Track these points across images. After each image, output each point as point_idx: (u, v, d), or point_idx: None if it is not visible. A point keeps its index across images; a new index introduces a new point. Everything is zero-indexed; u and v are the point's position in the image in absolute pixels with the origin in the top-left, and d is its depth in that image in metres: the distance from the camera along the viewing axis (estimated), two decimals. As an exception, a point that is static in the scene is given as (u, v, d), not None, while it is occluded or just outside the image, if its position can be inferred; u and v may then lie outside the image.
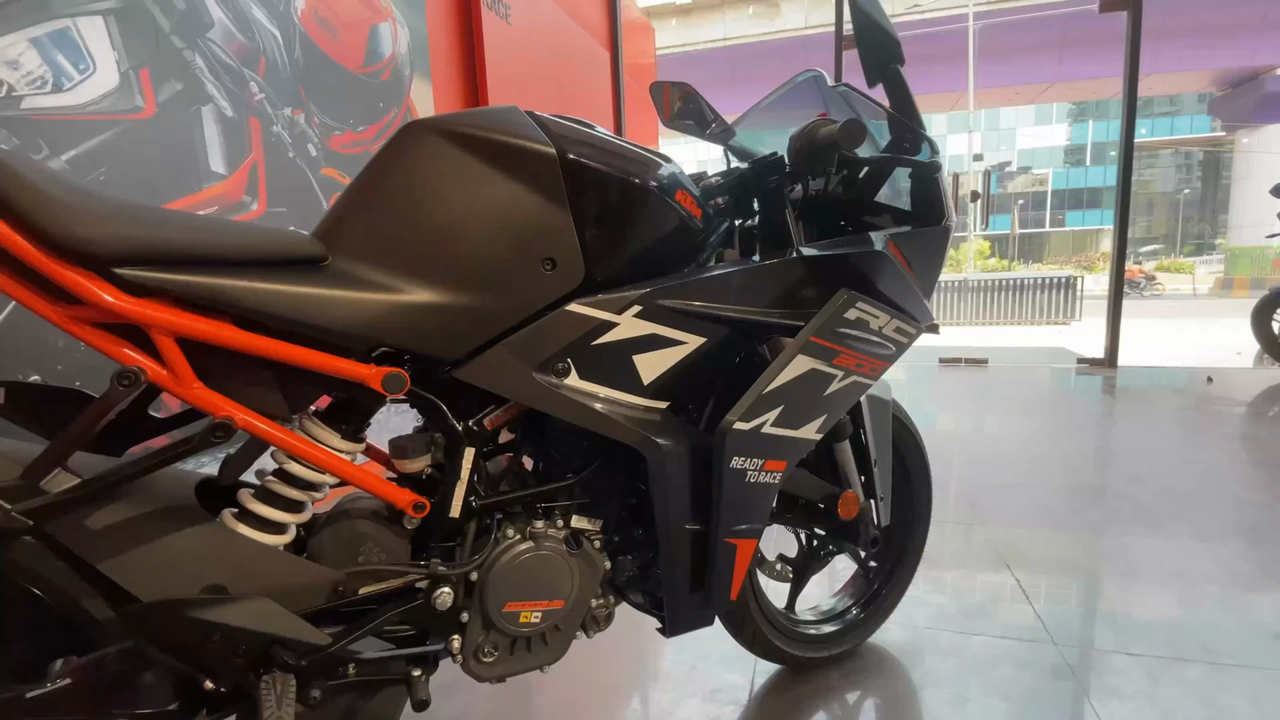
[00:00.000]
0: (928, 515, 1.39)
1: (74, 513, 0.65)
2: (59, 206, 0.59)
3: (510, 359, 0.79)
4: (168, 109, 1.79)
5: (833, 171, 0.95)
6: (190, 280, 0.65)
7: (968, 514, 2.08)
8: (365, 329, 0.73)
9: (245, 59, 2.02)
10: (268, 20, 2.10)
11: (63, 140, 1.54)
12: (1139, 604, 1.51)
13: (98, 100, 1.62)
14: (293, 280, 0.70)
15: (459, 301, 0.76)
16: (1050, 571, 1.68)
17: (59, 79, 1.53)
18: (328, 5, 2.33)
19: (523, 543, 0.85)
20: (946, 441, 2.96)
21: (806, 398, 0.93)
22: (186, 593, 0.68)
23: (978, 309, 12.41)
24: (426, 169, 0.76)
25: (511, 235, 0.77)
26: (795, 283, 0.93)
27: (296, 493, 0.77)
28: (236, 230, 0.70)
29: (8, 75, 1.42)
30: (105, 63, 1.63)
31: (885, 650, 1.36)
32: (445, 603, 0.79)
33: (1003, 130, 41.54)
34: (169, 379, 0.66)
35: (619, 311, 0.82)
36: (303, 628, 0.70)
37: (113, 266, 0.62)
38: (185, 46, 1.84)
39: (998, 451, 2.77)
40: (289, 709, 0.65)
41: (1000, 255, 33.87)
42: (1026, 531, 1.93)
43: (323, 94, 2.32)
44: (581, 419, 0.81)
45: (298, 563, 0.75)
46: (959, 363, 5.19)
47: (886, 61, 0.95)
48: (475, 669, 0.85)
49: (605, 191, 0.80)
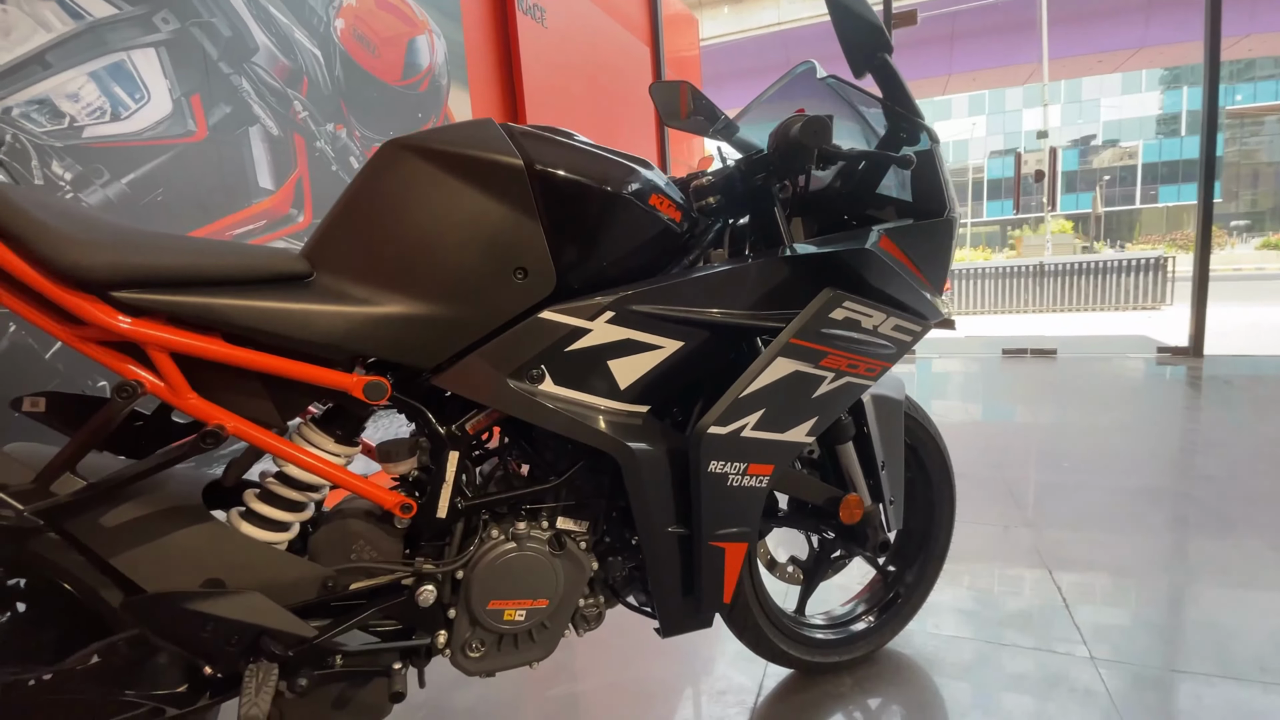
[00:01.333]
0: (950, 520, 1.33)
1: (87, 512, 0.71)
2: (60, 238, 0.65)
3: (485, 366, 0.81)
4: (218, 131, 1.92)
5: (812, 168, 0.93)
6: (181, 300, 0.70)
7: (1011, 514, 1.98)
8: (346, 341, 0.76)
9: (289, 80, 2.14)
10: (309, 41, 2.21)
11: (122, 165, 1.68)
12: (1193, 617, 1.40)
13: (153, 126, 1.75)
14: (278, 297, 0.75)
15: (434, 312, 0.79)
16: (1096, 578, 1.58)
17: (117, 108, 1.66)
18: (366, 23, 2.43)
19: (506, 543, 0.87)
20: (997, 438, 2.82)
21: (792, 401, 0.91)
22: (187, 586, 0.74)
23: (1056, 295, 11.63)
24: (402, 186, 0.79)
25: (483, 246, 0.80)
26: (776, 284, 0.91)
27: (295, 493, 0.83)
28: (227, 251, 0.75)
29: (70, 108, 1.56)
30: (159, 91, 1.76)
31: (904, 656, 1.32)
32: (428, 600, 0.82)
33: (1085, 102, 38.83)
34: (166, 391, 0.71)
35: (591, 318, 0.83)
36: (290, 620, 0.75)
37: (110, 290, 0.68)
38: (232, 72, 1.96)
39: (1053, 448, 2.62)
40: (266, 697, 0.70)
41: (1083, 235, 31.75)
42: (1075, 534, 1.82)
43: (363, 108, 2.42)
44: (554, 424, 0.82)
45: (290, 559, 0.80)
46: (1024, 354, 4.92)
47: (871, 51, 0.92)
48: (463, 663, 0.88)
49: (574, 200, 0.81)
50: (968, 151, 39.58)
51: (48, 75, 1.51)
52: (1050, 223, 17.62)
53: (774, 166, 0.94)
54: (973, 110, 39.82)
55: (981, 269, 11.93)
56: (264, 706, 0.69)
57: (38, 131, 1.50)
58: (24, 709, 0.71)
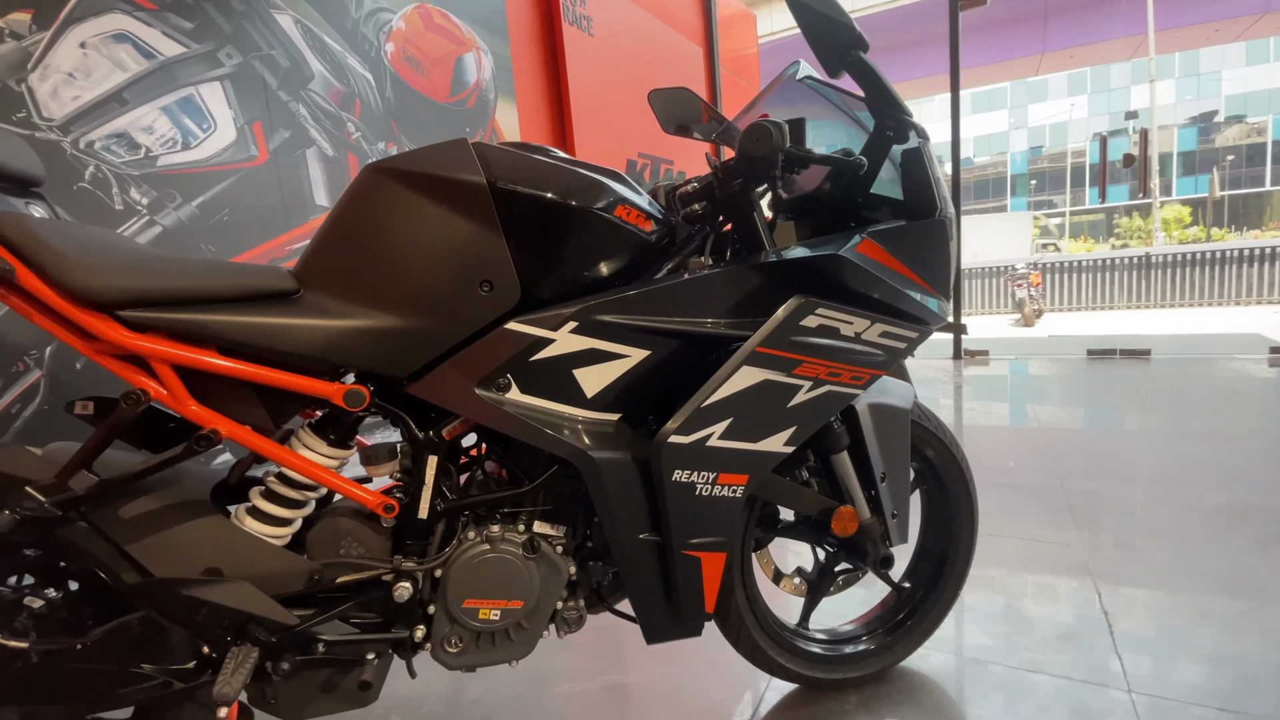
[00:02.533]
0: (970, 538, 1.26)
1: (106, 504, 0.80)
2: (76, 265, 0.75)
3: (455, 375, 0.85)
4: (277, 155, 2.08)
5: (777, 174, 0.91)
6: (178, 318, 0.78)
7: (1065, 529, 1.85)
8: (325, 352, 0.83)
9: (342, 103, 2.29)
10: (361, 66, 2.36)
11: (193, 190, 1.86)
12: (1257, 653, 1.26)
13: (219, 153, 1.92)
14: (266, 312, 0.82)
15: (405, 324, 0.84)
16: (1152, 604, 1.45)
17: (187, 138, 1.84)
18: (415, 44, 2.56)
19: (480, 544, 0.91)
20: (1066, 446, 2.62)
21: (763, 410, 0.90)
22: (189, 573, 0.82)
23: (1164, 289, 10.58)
24: (377, 206, 0.84)
25: (451, 261, 0.84)
26: (745, 292, 0.90)
27: (293, 492, 0.90)
28: (222, 271, 0.83)
29: (145, 139, 1.74)
30: (224, 120, 1.93)
31: (920, 676, 1.26)
32: (403, 595, 0.87)
33: (1204, 75, 35.22)
34: (169, 398, 0.79)
35: (555, 328, 0.85)
36: (274, 608, 0.82)
37: (118, 310, 0.76)
38: (290, 99, 2.12)
39: (1128, 459, 2.41)
40: (240, 677, 0.77)
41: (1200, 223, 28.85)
42: (1135, 554, 1.67)
43: (413, 126, 2.55)
44: (518, 432, 0.85)
45: (281, 553, 0.87)
46: (1113, 354, 4.54)
47: (844, 49, 0.89)
48: (443, 658, 0.92)
49: (536, 214, 0.84)
50: (1066, 135, 36.77)
51: (125, 111, 1.70)
52: (1158, 210, 16.08)
53: (745, 172, 0.93)
54: (1073, 90, 36.94)
55: (1077, 262, 11.07)
56: (236, 686, 0.76)
57: (117, 162, 1.68)
58: (56, 675, 0.81)
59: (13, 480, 0.76)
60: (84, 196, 1.61)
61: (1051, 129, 37.59)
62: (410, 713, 1.24)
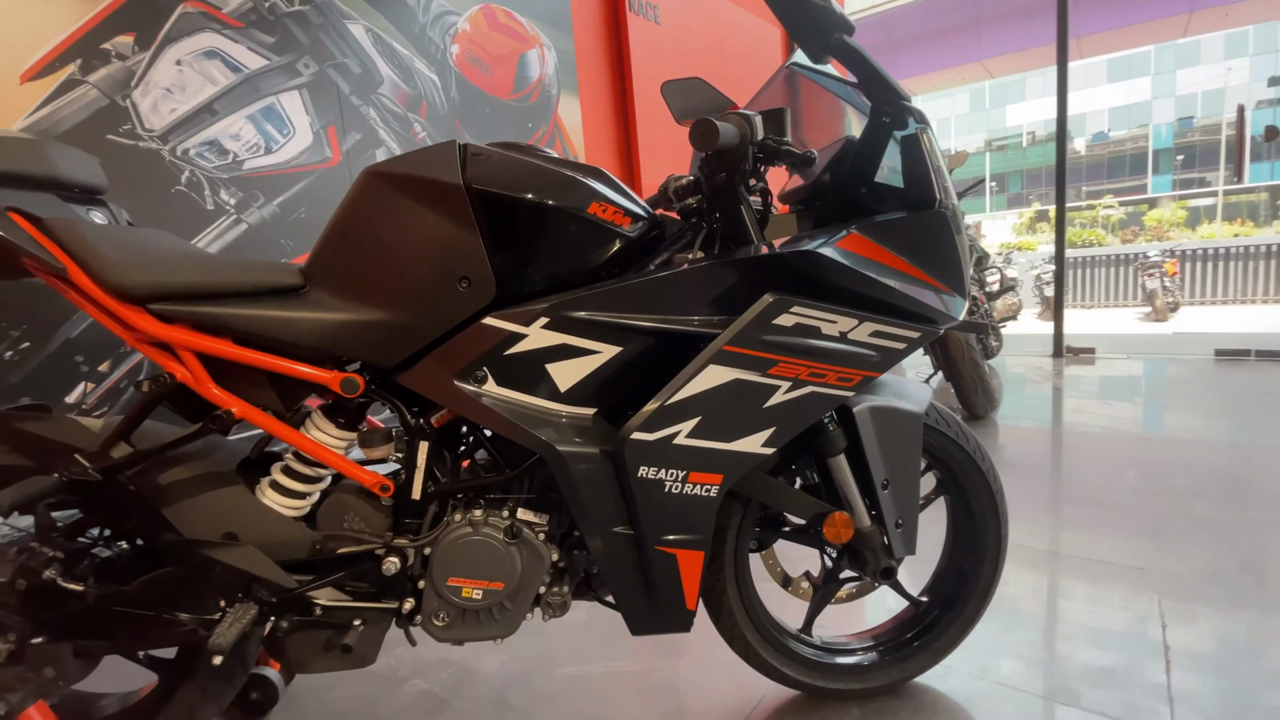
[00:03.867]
0: (997, 554, 1.18)
1: (145, 472, 0.92)
2: (115, 264, 0.86)
3: (436, 367, 0.90)
4: (350, 156, 2.25)
5: (748, 168, 0.88)
6: (199, 310, 0.88)
7: (1144, 553, 1.68)
8: (322, 343, 0.90)
9: (409, 105, 2.43)
10: (427, 69, 2.48)
11: (274, 190, 2.04)
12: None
13: (297, 156, 2.10)
14: (275, 306, 0.90)
15: (391, 318, 0.90)
16: (1226, 647, 1.29)
17: (269, 143, 2.02)
18: (479, 45, 2.67)
19: (464, 527, 0.96)
20: (1167, 459, 2.36)
21: (735, 409, 0.89)
22: (210, 536, 0.93)
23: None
24: (370, 207, 0.91)
25: (432, 258, 0.88)
26: (719, 289, 0.88)
27: (307, 468, 0.99)
28: (239, 267, 0.92)
29: (232, 146, 1.93)
30: (302, 126, 2.11)
31: (935, 695, 1.20)
32: (390, 570, 0.93)
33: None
34: (192, 381, 0.90)
35: (527, 323, 0.88)
36: (275, 572, 0.91)
37: (148, 303, 0.87)
38: (361, 103, 2.28)
39: (1237, 478, 2.14)
40: (234, 631, 0.86)
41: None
42: (1219, 585, 1.49)
43: (477, 124, 2.67)
44: (491, 423, 0.89)
45: (288, 523, 0.96)
46: (1247, 355, 4.00)
47: (828, 34, 0.85)
48: (432, 630, 0.98)
49: (510, 213, 0.87)
50: (1223, 103, 32.34)
51: (215, 120, 1.89)
52: None
53: (725, 166, 0.91)
54: (1231, 52, 32.38)
55: (1216, 249, 9.77)
56: (230, 638, 0.86)
57: (209, 167, 1.88)
58: (106, 615, 0.94)
59: (66, 448, 0.89)
60: (180, 199, 1.82)
61: (1205, 97, 33.17)
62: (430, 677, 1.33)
